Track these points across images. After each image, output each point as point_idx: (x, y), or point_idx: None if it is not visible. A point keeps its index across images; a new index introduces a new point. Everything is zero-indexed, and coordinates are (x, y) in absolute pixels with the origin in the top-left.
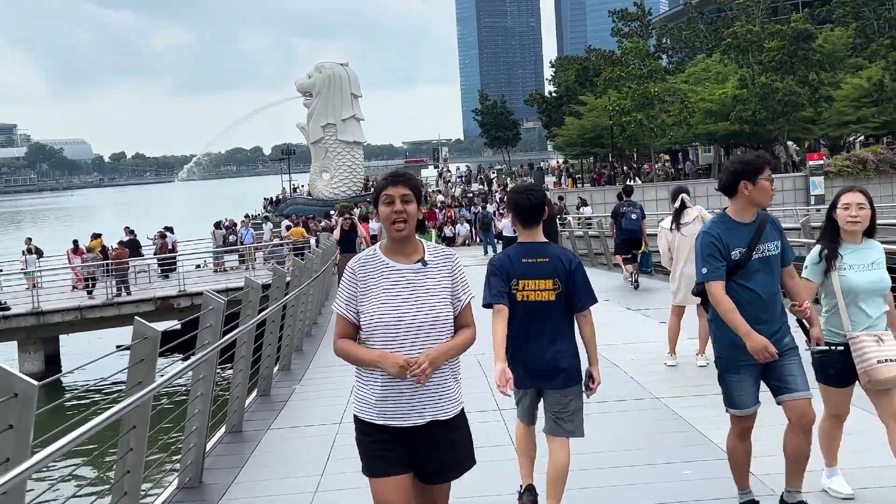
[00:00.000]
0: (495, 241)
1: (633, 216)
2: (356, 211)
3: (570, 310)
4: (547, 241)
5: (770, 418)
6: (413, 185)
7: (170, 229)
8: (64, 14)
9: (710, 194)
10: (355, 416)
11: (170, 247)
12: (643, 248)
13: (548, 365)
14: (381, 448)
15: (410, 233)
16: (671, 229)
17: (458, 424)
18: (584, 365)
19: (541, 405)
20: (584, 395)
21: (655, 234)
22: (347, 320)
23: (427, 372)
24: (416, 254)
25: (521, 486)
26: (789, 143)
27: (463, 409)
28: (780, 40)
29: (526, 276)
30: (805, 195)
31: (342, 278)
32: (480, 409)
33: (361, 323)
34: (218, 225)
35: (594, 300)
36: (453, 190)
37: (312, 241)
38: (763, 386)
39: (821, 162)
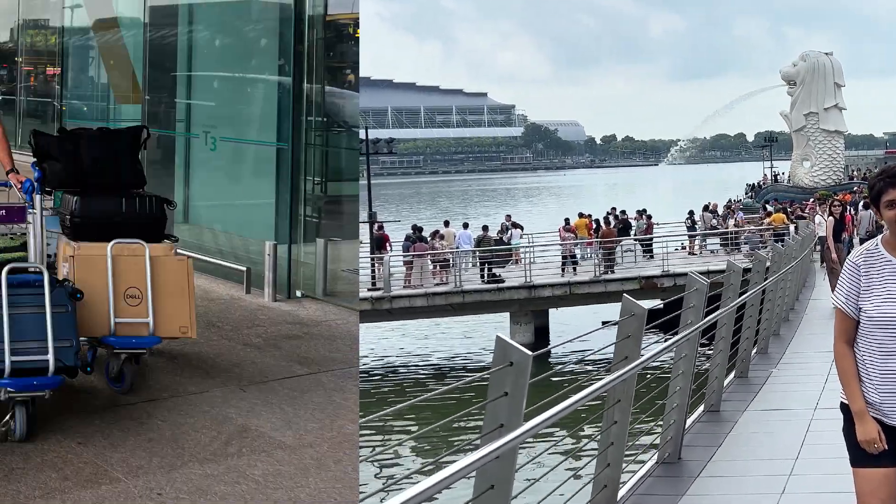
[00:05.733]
0: None
1: None
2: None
3: None
4: None
5: None
6: None
7: (647, 215)
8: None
9: None
10: (845, 405)
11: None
12: None
13: None
14: None
15: None
16: None
17: None
18: None
19: None
20: None
21: None
22: (847, 316)
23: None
24: None
25: None
26: None
27: None
28: None
29: None
30: None
31: (843, 270)
32: None
33: (861, 320)
34: (706, 208)
35: None
36: None
37: (791, 227)
38: None
39: None
